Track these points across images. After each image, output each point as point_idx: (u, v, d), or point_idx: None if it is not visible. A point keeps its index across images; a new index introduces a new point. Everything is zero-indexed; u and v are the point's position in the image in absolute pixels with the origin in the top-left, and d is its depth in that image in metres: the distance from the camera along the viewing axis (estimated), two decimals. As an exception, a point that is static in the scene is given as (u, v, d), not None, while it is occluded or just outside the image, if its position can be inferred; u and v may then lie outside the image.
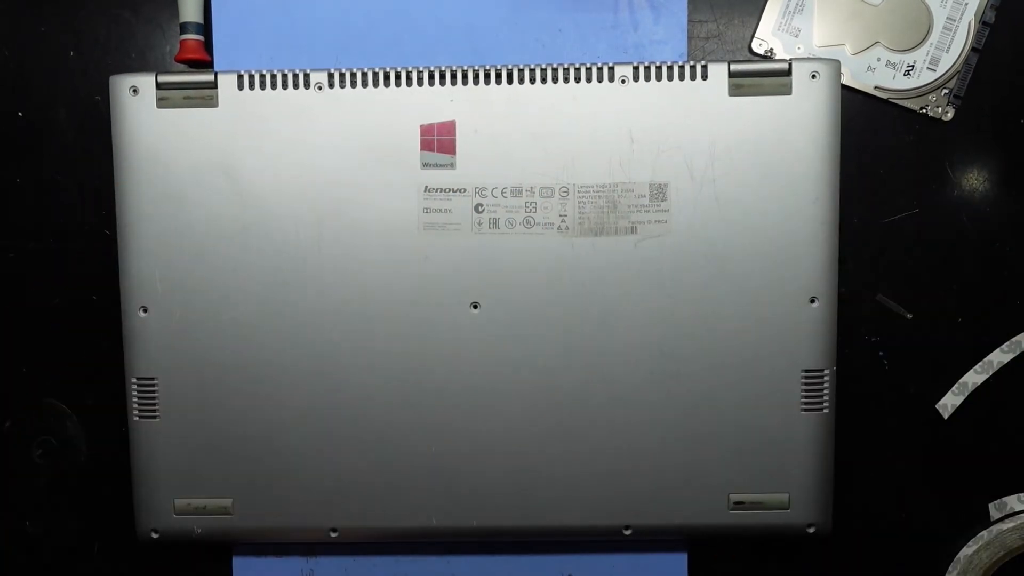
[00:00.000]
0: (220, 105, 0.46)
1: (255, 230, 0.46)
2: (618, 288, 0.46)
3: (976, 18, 0.49)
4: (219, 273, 0.47)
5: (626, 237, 0.46)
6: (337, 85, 0.46)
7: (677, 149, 0.46)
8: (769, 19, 0.50)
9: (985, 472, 0.51)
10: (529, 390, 0.47)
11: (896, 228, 0.50)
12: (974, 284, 0.50)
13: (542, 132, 0.46)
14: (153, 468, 0.48)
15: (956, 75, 0.49)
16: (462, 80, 0.46)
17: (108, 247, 0.49)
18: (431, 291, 0.46)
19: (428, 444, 0.47)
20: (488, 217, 0.46)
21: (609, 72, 0.46)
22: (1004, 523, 0.50)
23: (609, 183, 0.46)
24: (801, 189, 0.45)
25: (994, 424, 0.50)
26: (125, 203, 0.47)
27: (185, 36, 0.49)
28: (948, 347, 0.50)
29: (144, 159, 0.46)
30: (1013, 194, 0.50)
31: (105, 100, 0.47)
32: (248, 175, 0.46)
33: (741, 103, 0.45)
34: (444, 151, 0.46)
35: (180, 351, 0.47)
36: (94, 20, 0.51)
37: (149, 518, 0.48)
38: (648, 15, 0.50)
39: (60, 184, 0.51)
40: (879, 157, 0.50)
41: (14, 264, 0.52)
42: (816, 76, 0.45)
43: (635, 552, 0.51)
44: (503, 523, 0.48)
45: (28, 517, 0.53)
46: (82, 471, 0.52)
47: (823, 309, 0.46)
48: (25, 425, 0.52)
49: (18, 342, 0.52)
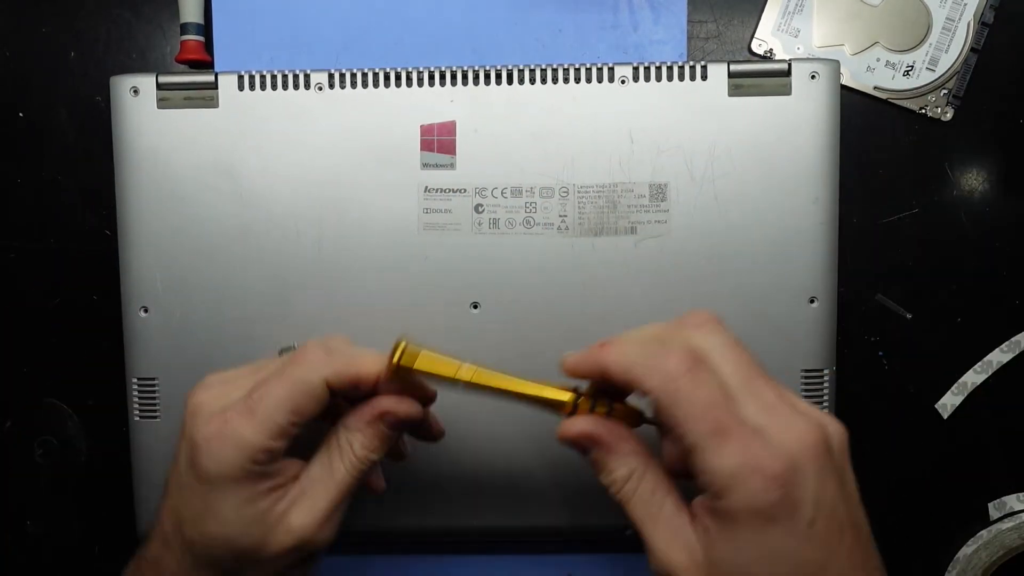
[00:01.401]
0: (220, 105, 0.46)
1: (255, 230, 0.46)
2: (618, 288, 0.46)
3: (975, 18, 0.49)
4: (219, 273, 0.47)
5: (626, 237, 0.46)
6: (337, 85, 0.46)
7: (677, 149, 0.46)
8: (769, 19, 0.50)
9: (985, 472, 0.51)
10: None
11: (896, 228, 0.50)
12: (974, 284, 0.50)
13: (542, 132, 0.46)
14: (153, 468, 0.48)
15: (955, 75, 0.49)
16: (462, 80, 0.46)
17: (108, 247, 0.49)
18: (431, 291, 0.46)
19: (428, 444, 0.47)
20: (488, 217, 0.46)
21: (609, 72, 0.46)
22: (1003, 523, 0.50)
23: (609, 183, 0.46)
24: (801, 189, 0.45)
25: (994, 424, 0.51)
26: (125, 203, 0.47)
27: (185, 37, 0.49)
28: (948, 347, 0.50)
29: (144, 159, 0.46)
30: (1013, 194, 0.50)
31: (105, 100, 0.47)
32: (248, 175, 0.46)
33: (741, 103, 0.45)
34: (444, 151, 0.46)
35: (180, 351, 0.47)
36: (94, 20, 0.51)
37: (149, 518, 0.48)
38: (648, 15, 0.50)
39: (60, 184, 0.51)
40: (879, 157, 0.50)
41: (14, 264, 0.52)
42: (816, 76, 0.45)
43: (635, 552, 0.51)
44: (503, 523, 0.48)
45: (28, 517, 0.53)
46: (82, 471, 0.52)
47: (823, 309, 0.46)
48: (25, 425, 0.52)
49: (18, 342, 0.52)
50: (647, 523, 0.33)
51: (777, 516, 0.30)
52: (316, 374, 0.35)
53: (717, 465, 0.30)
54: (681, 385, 0.31)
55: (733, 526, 0.30)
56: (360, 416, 0.37)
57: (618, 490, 0.34)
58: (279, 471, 0.36)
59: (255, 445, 0.34)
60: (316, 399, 0.35)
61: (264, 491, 0.35)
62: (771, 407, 0.32)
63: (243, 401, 0.35)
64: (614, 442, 0.34)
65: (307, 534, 0.36)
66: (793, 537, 0.30)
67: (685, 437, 0.31)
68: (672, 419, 0.31)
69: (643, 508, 0.34)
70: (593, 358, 0.34)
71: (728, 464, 0.30)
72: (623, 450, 0.34)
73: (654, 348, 0.33)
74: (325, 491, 0.36)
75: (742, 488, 0.30)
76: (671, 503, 0.33)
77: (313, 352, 0.36)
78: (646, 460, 0.34)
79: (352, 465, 0.36)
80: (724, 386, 0.32)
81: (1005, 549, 0.50)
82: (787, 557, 0.30)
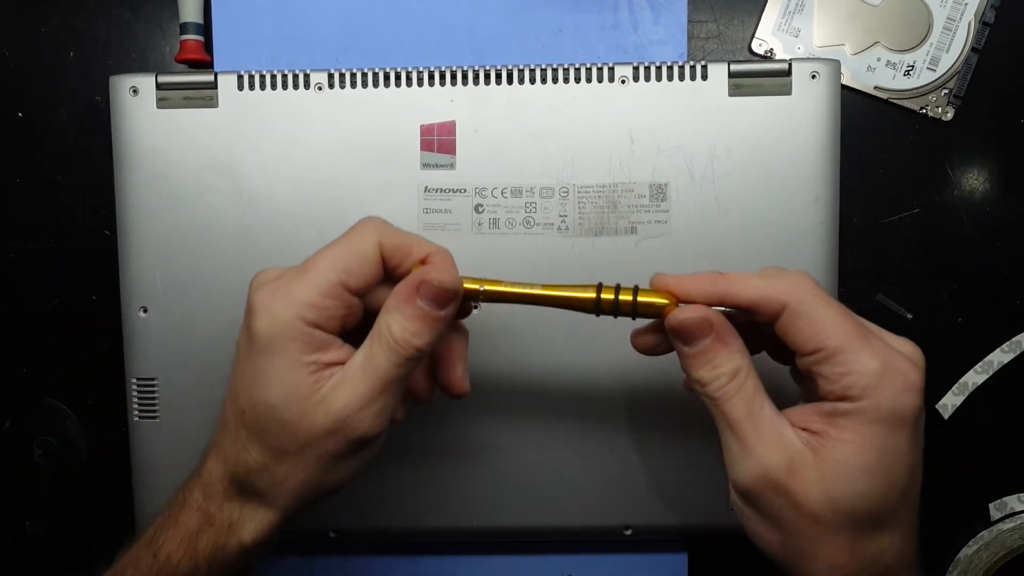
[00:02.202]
0: (220, 105, 0.46)
1: (255, 230, 0.46)
2: (618, 288, 0.46)
3: (976, 18, 0.49)
4: (219, 273, 0.46)
5: (626, 237, 0.46)
6: (337, 85, 0.46)
7: (677, 149, 0.46)
8: (769, 19, 0.50)
9: (985, 472, 0.51)
10: (529, 390, 0.47)
11: (896, 228, 0.50)
12: (975, 284, 0.50)
13: (542, 132, 0.46)
14: (153, 468, 0.48)
15: (956, 75, 0.49)
16: (462, 80, 0.46)
17: (108, 247, 0.49)
18: (431, 291, 0.46)
19: (428, 444, 0.47)
20: (488, 217, 0.46)
21: (609, 72, 0.46)
22: (1004, 523, 0.50)
23: (609, 183, 0.46)
24: (801, 189, 0.45)
25: (994, 424, 0.50)
26: (125, 203, 0.47)
27: (185, 36, 0.49)
28: (949, 347, 0.50)
29: (144, 159, 0.46)
30: (1013, 194, 0.50)
31: (105, 100, 0.47)
32: (248, 175, 0.46)
33: (741, 103, 0.45)
34: (444, 151, 0.46)
35: (180, 351, 0.47)
36: (94, 20, 0.51)
37: (149, 518, 0.48)
38: (648, 15, 0.50)
39: (60, 184, 0.51)
40: (879, 157, 0.50)
41: (14, 264, 0.52)
42: (816, 76, 0.45)
43: (635, 552, 0.51)
44: (503, 523, 0.48)
45: (28, 517, 0.53)
46: (82, 471, 0.52)
47: (823, 309, 0.46)
48: (25, 425, 0.52)
49: (18, 342, 0.52)
50: (746, 422, 0.34)
51: (909, 419, 0.32)
52: (369, 236, 0.36)
53: (863, 365, 0.32)
54: (816, 298, 0.34)
55: (861, 424, 0.32)
56: (397, 294, 0.35)
57: (722, 386, 0.34)
58: (328, 345, 0.35)
59: (303, 300, 0.34)
60: (367, 260, 0.36)
61: (311, 363, 0.35)
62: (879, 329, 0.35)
63: (299, 266, 0.36)
64: (728, 334, 0.35)
65: (344, 416, 0.34)
66: (913, 441, 0.33)
67: (828, 340, 0.33)
68: (812, 325, 0.33)
69: (744, 407, 0.34)
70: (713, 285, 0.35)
71: (873, 365, 0.32)
72: (735, 345, 0.35)
73: (775, 274, 0.35)
74: (364, 377, 0.35)
75: (887, 388, 0.32)
76: (770, 407, 0.34)
77: (368, 221, 0.37)
78: (750, 361, 0.35)
79: (391, 348, 0.35)
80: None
81: (1006, 550, 0.50)
82: (903, 457, 0.33)
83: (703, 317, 0.35)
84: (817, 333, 0.33)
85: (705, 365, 0.35)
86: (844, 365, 0.32)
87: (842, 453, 0.32)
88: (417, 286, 0.35)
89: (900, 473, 0.33)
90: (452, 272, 0.36)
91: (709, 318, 0.35)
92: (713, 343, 0.35)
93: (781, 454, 0.33)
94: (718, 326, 0.35)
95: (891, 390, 0.32)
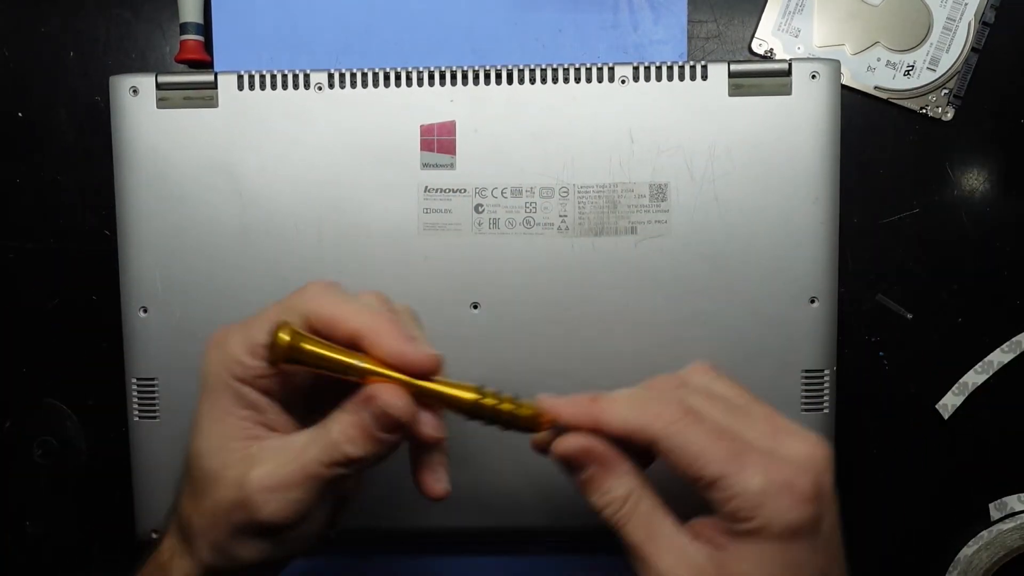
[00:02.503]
0: (220, 105, 0.46)
1: (255, 230, 0.46)
2: (618, 288, 0.46)
3: (976, 18, 0.49)
4: (219, 273, 0.46)
5: (626, 237, 0.46)
6: (337, 85, 0.46)
7: (677, 149, 0.46)
8: (769, 19, 0.50)
9: (985, 472, 0.51)
10: (529, 390, 0.47)
11: (896, 228, 0.50)
12: (975, 284, 0.50)
13: (542, 132, 0.46)
14: (153, 468, 0.48)
15: (956, 75, 0.49)
16: (462, 80, 0.46)
17: (108, 247, 0.49)
18: (431, 291, 0.46)
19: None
20: (488, 217, 0.46)
21: (609, 72, 0.46)
22: (1004, 523, 0.50)
23: (609, 183, 0.46)
24: (801, 189, 0.45)
25: (994, 424, 0.50)
26: (125, 203, 0.47)
27: (185, 36, 0.49)
28: (949, 347, 0.50)
29: (144, 159, 0.46)
30: (1013, 194, 0.50)
31: (105, 100, 0.47)
32: (248, 175, 0.46)
33: (741, 103, 0.45)
34: (444, 151, 0.46)
35: (180, 351, 0.47)
36: (94, 20, 0.51)
37: (149, 518, 0.48)
38: (648, 15, 0.50)
39: (60, 184, 0.51)
40: (879, 157, 0.50)
41: (14, 264, 0.52)
42: (816, 76, 0.45)
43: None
44: (503, 523, 0.48)
45: (28, 517, 0.53)
46: (82, 471, 0.52)
47: (823, 309, 0.46)
48: (25, 425, 0.52)
49: (18, 342, 0.52)
50: (648, 544, 0.33)
51: (804, 531, 0.31)
52: (303, 304, 0.35)
53: (743, 487, 0.31)
54: (684, 425, 0.32)
55: (757, 542, 0.31)
56: (350, 400, 0.34)
57: (615, 511, 0.34)
58: (264, 409, 0.34)
59: (232, 356, 0.34)
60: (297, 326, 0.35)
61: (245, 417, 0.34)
62: (773, 430, 0.33)
63: (250, 318, 0.35)
64: (612, 460, 0.34)
65: (253, 487, 0.33)
66: (814, 549, 0.31)
67: (704, 470, 0.32)
68: (684, 457, 0.32)
69: (643, 529, 0.33)
70: (586, 412, 0.34)
71: (755, 484, 0.31)
72: (621, 469, 0.34)
73: (646, 399, 0.34)
74: (289, 459, 0.33)
75: (773, 506, 0.31)
76: (670, 523, 0.33)
77: (314, 286, 0.36)
78: (643, 480, 0.34)
79: (324, 446, 0.33)
80: (722, 419, 0.33)
81: (1006, 550, 0.50)
82: (806, 568, 0.31)
83: (582, 447, 0.34)
84: (692, 464, 0.32)
85: (595, 492, 0.34)
86: (726, 490, 0.31)
87: (744, 569, 0.31)
88: (366, 399, 0.34)
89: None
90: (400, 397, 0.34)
91: (587, 447, 0.34)
92: (599, 470, 0.34)
93: (686, 571, 0.32)
94: (599, 454, 0.34)
95: (778, 507, 0.31)
